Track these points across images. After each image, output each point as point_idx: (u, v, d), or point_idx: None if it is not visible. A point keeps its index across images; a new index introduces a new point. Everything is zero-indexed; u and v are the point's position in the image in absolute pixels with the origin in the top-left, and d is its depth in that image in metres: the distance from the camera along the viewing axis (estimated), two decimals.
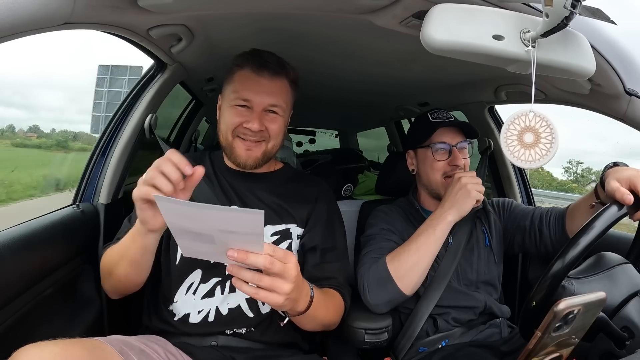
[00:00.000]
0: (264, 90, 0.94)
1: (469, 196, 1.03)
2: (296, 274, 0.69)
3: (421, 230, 1.06)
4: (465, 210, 1.04)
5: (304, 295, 0.78)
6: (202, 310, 0.92)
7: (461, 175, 1.06)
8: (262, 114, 0.95)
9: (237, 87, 0.95)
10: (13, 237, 0.84)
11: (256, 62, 0.94)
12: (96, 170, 1.23)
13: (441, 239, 1.04)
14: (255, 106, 0.94)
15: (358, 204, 1.57)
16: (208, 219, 0.61)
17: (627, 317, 0.73)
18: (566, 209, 1.08)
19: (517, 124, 0.64)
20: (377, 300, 1.03)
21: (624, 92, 0.85)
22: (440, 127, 1.15)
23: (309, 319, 0.84)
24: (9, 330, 0.81)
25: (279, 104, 0.96)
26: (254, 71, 0.93)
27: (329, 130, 4.43)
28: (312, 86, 1.71)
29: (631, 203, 0.76)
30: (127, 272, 0.85)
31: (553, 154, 0.63)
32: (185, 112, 2.26)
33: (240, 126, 0.94)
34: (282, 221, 0.99)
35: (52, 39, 19.73)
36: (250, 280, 0.66)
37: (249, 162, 0.96)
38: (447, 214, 1.04)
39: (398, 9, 0.74)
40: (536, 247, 1.13)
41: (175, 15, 0.87)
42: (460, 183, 1.05)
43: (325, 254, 1.00)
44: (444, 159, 1.15)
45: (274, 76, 0.94)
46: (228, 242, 0.64)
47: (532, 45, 0.62)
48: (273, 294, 0.68)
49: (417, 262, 1.02)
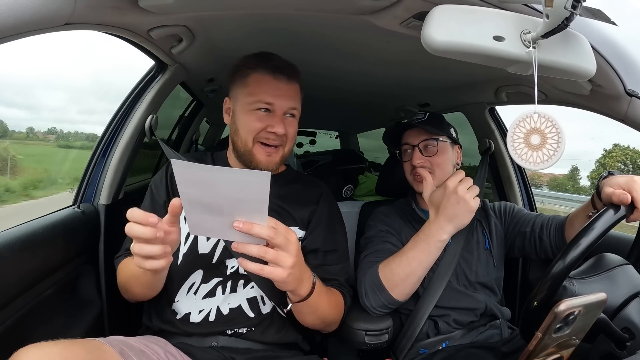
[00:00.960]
0: (283, 93, 0.93)
1: (469, 209, 0.98)
2: (297, 248, 0.73)
3: (415, 243, 1.02)
4: (464, 224, 1.00)
5: (307, 278, 0.81)
6: (203, 310, 0.92)
7: (455, 185, 0.98)
8: (283, 118, 0.95)
9: (254, 90, 0.93)
10: (14, 238, 0.84)
11: (271, 65, 0.93)
12: (97, 171, 1.23)
13: (435, 254, 1.01)
14: (277, 109, 0.93)
15: (358, 204, 1.57)
16: (219, 183, 0.64)
17: (627, 318, 0.73)
18: (566, 218, 1.08)
19: (522, 126, 0.64)
20: (372, 304, 1.04)
21: (624, 93, 0.85)
22: (408, 129, 1.19)
23: (310, 308, 0.86)
24: (10, 330, 0.81)
25: (297, 107, 0.97)
26: (271, 74, 0.92)
27: (329, 131, 4.43)
28: (313, 87, 1.71)
29: (628, 202, 0.77)
30: (143, 292, 0.90)
31: (561, 154, 0.63)
32: (186, 113, 2.26)
33: (264, 131, 0.93)
34: (284, 223, 0.98)
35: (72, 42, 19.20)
36: (256, 253, 0.69)
37: (270, 167, 0.96)
38: (442, 231, 0.99)
39: (398, 10, 0.74)
40: (536, 253, 1.14)
41: (175, 16, 0.87)
42: (458, 195, 0.97)
43: (327, 256, 1.00)
44: (407, 159, 1.18)
45: (290, 79, 0.94)
46: (235, 213, 0.67)
47: (532, 46, 0.62)
48: (277, 268, 0.71)
49: (409, 274, 1.00)
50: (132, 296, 0.93)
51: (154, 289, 0.90)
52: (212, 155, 1.08)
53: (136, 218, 0.68)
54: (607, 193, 0.80)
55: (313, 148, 4.34)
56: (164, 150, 1.07)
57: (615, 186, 0.81)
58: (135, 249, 0.70)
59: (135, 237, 0.69)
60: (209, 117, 2.67)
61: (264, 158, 0.95)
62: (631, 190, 0.78)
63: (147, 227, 0.68)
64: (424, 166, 1.13)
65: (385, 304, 1.03)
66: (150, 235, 0.68)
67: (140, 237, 0.68)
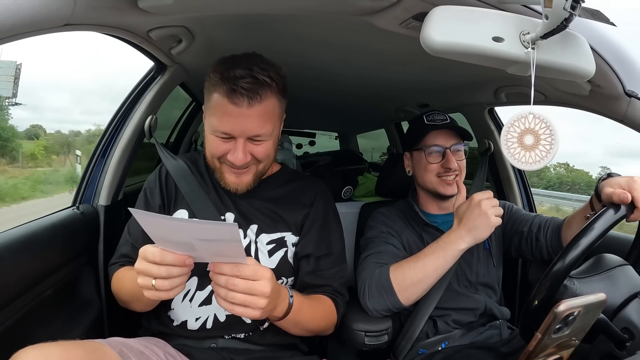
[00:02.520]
0: (243, 119, 0.82)
1: (489, 224, 0.97)
2: (270, 289, 0.70)
3: (431, 250, 1.01)
4: (482, 238, 0.99)
5: (282, 300, 0.79)
6: (200, 317, 0.91)
7: (481, 199, 0.99)
8: (246, 143, 0.86)
9: (213, 113, 0.84)
10: (13, 239, 0.84)
11: (229, 86, 0.80)
12: (96, 171, 1.23)
13: (450, 263, 1.00)
14: (237, 137, 0.85)
15: (358, 205, 1.57)
16: (187, 231, 0.63)
17: (627, 319, 0.73)
18: (563, 220, 1.09)
19: (516, 126, 0.64)
20: (375, 306, 1.03)
21: (623, 94, 0.85)
22: (434, 129, 1.15)
23: (291, 324, 0.85)
24: (9, 331, 0.81)
25: (263, 133, 0.85)
26: (229, 98, 0.81)
27: (328, 132, 4.43)
28: (312, 88, 1.71)
29: (629, 201, 0.77)
30: (143, 308, 0.90)
31: (553, 155, 0.63)
32: (186, 114, 2.26)
33: (224, 157, 0.87)
34: (277, 229, 0.96)
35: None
36: (223, 297, 0.68)
37: (239, 188, 0.91)
38: (461, 240, 0.99)
39: (398, 11, 0.74)
40: (532, 253, 1.14)
41: (175, 16, 0.87)
42: (481, 209, 0.97)
43: (320, 261, 0.98)
44: (437, 161, 1.15)
45: (252, 101, 0.81)
46: (208, 249, 0.66)
47: (531, 47, 0.62)
48: (248, 309, 0.69)
49: (422, 280, 0.99)
50: (130, 308, 0.92)
51: (155, 305, 0.89)
52: (205, 156, 1.06)
53: (150, 258, 0.67)
54: (607, 193, 0.80)
55: (312, 149, 4.35)
56: (160, 153, 1.04)
57: (615, 186, 0.81)
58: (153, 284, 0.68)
59: (152, 276, 0.67)
60: None
61: (232, 179, 0.90)
62: (631, 190, 0.78)
63: (162, 266, 0.67)
64: (455, 171, 1.14)
65: (390, 307, 1.02)
66: (166, 275, 0.67)
67: (157, 276, 0.67)
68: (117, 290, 0.93)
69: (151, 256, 0.67)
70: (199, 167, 1.01)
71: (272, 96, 0.85)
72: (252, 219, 0.96)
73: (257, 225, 0.95)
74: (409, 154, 1.24)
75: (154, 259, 0.66)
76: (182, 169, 0.97)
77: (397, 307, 1.02)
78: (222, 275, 0.68)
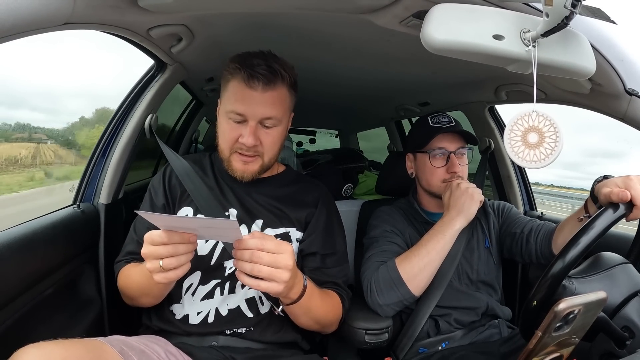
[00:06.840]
0: (257, 102, 0.89)
1: (473, 199, 1.07)
2: (292, 262, 0.74)
3: (430, 236, 1.06)
4: (472, 213, 1.07)
5: (298, 281, 0.81)
6: (202, 311, 0.92)
7: (458, 182, 1.10)
8: (257, 127, 0.91)
9: (230, 98, 0.91)
10: (14, 237, 0.84)
11: (246, 71, 0.88)
12: (96, 170, 1.23)
13: (450, 244, 1.06)
14: (249, 119, 0.90)
15: (358, 203, 1.57)
16: (191, 225, 0.71)
17: (627, 317, 0.73)
18: (556, 226, 1.09)
19: (520, 124, 0.64)
20: (387, 301, 1.04)
21: (624, 92, 0.85)
22: (439, 132, 1.14)
23: (302, 310, 0.87)
24: (10, 330, 0.81)
25: (274, 116, 0.91)
26: (245, 82, 0.88)
27: (329, 130, 4.43)
28: (313, 86, 1.71)
29: (628, 199, 0.77)
30: (151, 302, 0.92)
31: (558, 153, 0.62)
32: (186, 112, 2.26)
33: (237, 142, 0.92)
34: (281, 225, 0.99)
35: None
36: (249, 270, 0.71)
37: (245, 176, 0.95)
38: (455, 221, 1.06)
39: (398, 9, 0.74)
40: (521, 255, 1.15)
41: (175, 15, 0.87)
42: (461, 189, 1.08)
43: (325, 259, 1.00)
44: (441, 165, 1.15)
45: (266, 86, 0.88)
46: (211, 233, 0.75)
47: (532, 45, 0.62)
48: (272, 282, 0.72)
49: (427, 264, 1.03)
50: (137, 304, 0.94)
51: (162, 298, 0.91)
52: (211, 156, 1.08)
53: (158, 240, 0.70)
54: (605, 193, 0.80)
55: (313, 147, 4.35)
56: (164, 151, 1.06)
57: (612, 185, 0.81)
58: (161, 265, 0.71)
59: (159, 257, 0.70)
60: (208, 116, 2.67)
61: (240, 166, 0.94)
62: (629, 188, 0.78)
63: (168, 245, 0.70)
64: (459, 176, 1.15)
65: (402, 299, 1.03)
66: (174, 252, 0.70)
67: (165, 255, 0.70)
68: (125, 286, 0.94)
69: (158, 238, 0.70)
70: (203, 167, 1.04)
71: (284, 87, 0.92)
72: (256, 214, 0.98)
73: (262, 220, 0.97)
74: (412, 155, 1.24)
75: (161, 240, 0.70)
76: (186, 168, 1.01)
77: (407, 298, 1.03)
78: (246, 250, 0.70)
